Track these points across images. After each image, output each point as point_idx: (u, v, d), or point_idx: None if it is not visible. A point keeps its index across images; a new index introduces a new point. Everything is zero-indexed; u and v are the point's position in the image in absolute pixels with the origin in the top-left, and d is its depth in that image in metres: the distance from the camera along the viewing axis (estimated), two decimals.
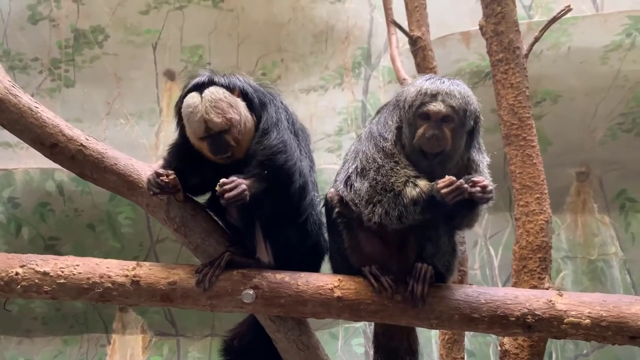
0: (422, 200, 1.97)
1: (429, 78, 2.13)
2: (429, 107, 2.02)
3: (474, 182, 1.97)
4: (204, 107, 2.08)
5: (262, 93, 2.22)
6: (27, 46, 5.35)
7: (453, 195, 1.92)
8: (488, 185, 1.98)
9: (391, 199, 2.00)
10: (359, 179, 2.08)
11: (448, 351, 3.32)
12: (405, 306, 2.03)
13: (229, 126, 2.09)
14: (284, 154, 2.07)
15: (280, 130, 2.11)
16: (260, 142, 2.10)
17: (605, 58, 4.91)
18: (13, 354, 5.00)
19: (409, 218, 2.00)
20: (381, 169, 2.05)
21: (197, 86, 2.14)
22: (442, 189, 1.93)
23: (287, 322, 2.20)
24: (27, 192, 5.05)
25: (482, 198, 1.97)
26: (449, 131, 2.02)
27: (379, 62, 5.50)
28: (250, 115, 2.15)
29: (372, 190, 2.04)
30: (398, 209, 1.99)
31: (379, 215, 2.01)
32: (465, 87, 2.11)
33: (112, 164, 2.24)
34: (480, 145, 2.18)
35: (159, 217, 2.26)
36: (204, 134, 2.10)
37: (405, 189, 2.00)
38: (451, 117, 2.02)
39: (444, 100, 2.02)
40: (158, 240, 5.13)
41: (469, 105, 2.05)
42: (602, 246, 5.15)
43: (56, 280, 2.06)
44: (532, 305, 2.04)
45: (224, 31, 5.47)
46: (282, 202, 2.11)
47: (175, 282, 2.08)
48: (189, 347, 5.11)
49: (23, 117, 2.18)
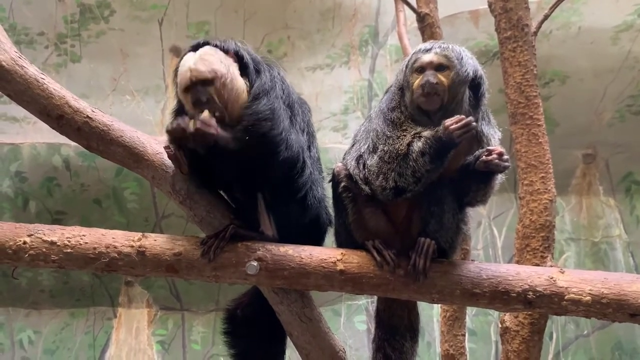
0: (428, 147, 1.95)
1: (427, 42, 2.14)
2: (422, 58, 2.03)
3: (490, 150, 1.97)
4: (193, 59, 2.08)
5: (259, 61, 2.19)
6: (33, 20, 5.33)
7: (461, 131, 1.90)
8: (504, 152, 1.97)
9: (401, 161, 1.99)
10: (371, 156, 2.08)
11: (449, 328, 3.36)
12: (407, 280, 2.05)
13: (213, 77, 2.05)
14: (270, 121, 2.01)
15: (271, 98, 2.07)
16: (249, 107, 2.06)
17: (616, 39, 4.85)
18: (21, 326, 5.10)
19: (422, 172, 1.97)
20: (388, 140, 2.05)
21: (193, 47, 2.15)
22: (450, 126, 1.90)
23: (290, 295, 2.22)
24: (34, 166, 5.09)
25: (499, 165, 1.96)
26: (444, 78, 2.00)
27: (386, 41, 5.45)
28: (241, 79, 2.11)
29: (381, 161, 2.04)
30: (410, 167, 1.97)
31: (394, 179, 2.00)
32: (466, 50, 2.09)
33: (118, 136, 2.24)
34: (490, 119, 2.15)
35: (164, 189, 2.27)
36: (188, 82, 2.07)
37: (412, 146, 1.99)
38: (445, 64, 2.01)
39: (437, 52, 2.03)
40: (164, 216, 5.17)
41: (465, 59, 2.03)
42: (606, 228, 5.16)
43: (63, 249, 2.09)
44: (534, 281, 2.05)
45: (230, 7, 5.42)
46: (267, 173, 2.07)
47: (180, 253, 2.10)
48: (194, 322, 5.19)
49: (30, 89, 2.18)
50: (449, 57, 2.02)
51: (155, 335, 5.15)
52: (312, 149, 2.29)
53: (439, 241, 2.09)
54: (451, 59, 2.02)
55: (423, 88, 2.00)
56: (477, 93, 2.07)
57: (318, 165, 2.33)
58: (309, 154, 2.25)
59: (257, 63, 2.18)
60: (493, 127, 2.15)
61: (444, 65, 2.01)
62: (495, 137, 2.13)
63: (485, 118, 2.12)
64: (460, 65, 2.02)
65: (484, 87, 2.09)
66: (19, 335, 5.08)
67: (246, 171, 2.08)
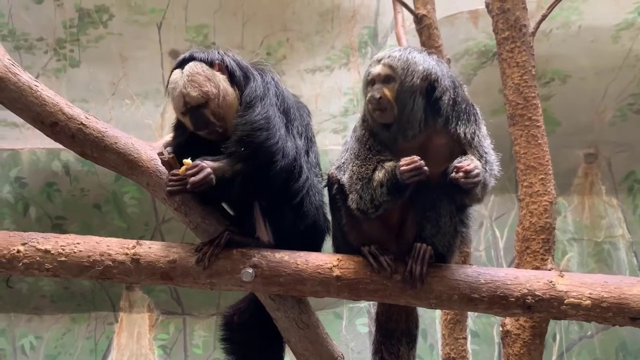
0: (386, 181, 1.96)
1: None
2: (371, 70, 2.01)
3: (457, 167, 1.92)
4: (182, 81, 2.09)
5: (247, 68, 2.18)
6: (32, 26, 5.33)
7: (410, 175, 1.89)
8: (472, 169, 1.91)
9: (364, 185, 2.01)
10: (345, 169, 2.10)
11: (450, 331, 3.34)
12: (404, 286, 2.03)
13: (206, 100, 2.07)
14: (265, 130, 2.01)
15: (265, 106, 2.06)
16: (242, 116, 2.05)
17: (617, 37, 4.82)
18: (23, 331, 5.10)
19: (380, 201, 1.99)
20: (357, 160, 2.06)
21: (180, 63, 2.15)
22: (401, 167, 1.90)
23: (286, 301, 2.20)
24: (34, 172, 5.10)
25: (467, 183, 1.91)
26: (389, 91, 1.97)
27: (385, 42, 5.43)
28: (231, 89, 2.12)
29: (350, 179, 2.06)
30: (369, 193, 1.99)
31: (356, 201, 2.03)
32: (423, 54, 2.04)
33: (112, 142, 2.23)
34: (471, 115, 2.06)
35: (159, 196, 2.26)
36: (184, 108, 2.11)
37: (374, 173, 2.00)
38: (391, 76, 1.98)
39: (384, 63, 1.99)
40: (164, 220, 5.17)
41: (414, 65, 1.98)
42: (608, 228, 5.12)
43: (57, 258, 2.08)
44: (532, 285, 2.02)
45: (229, 10, 5.41)
46: (265, 183, 2.06)
47: (175, 261, 2.09)
48: (195, 326, 5.18)
49: (23, 96, 2.17)
50: (393, 68, 1.98)
51: (157, 339, 5.15)
52: (310, 154, 2.26)
53: (436, 246, 2.06)
54: (396, 69, 1.97)
55: (372, 107, 1.99)
56: (430, 98, 2.00)
57: (316, 170, 2.30)
58: (307, 159, 2.22)
59: (245, 70, 2.17)
60: (474, 123, 2.05)
61: (389, 77, 1.98)
62: (478, 134, 2.05)
63: (462, 116, 2.04)
64: (405, 74, 1.97)
65: (439, 89, 2.01)
66: (21, 340, 5.08)
67: (244, 183, 2.07)
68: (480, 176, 1.93)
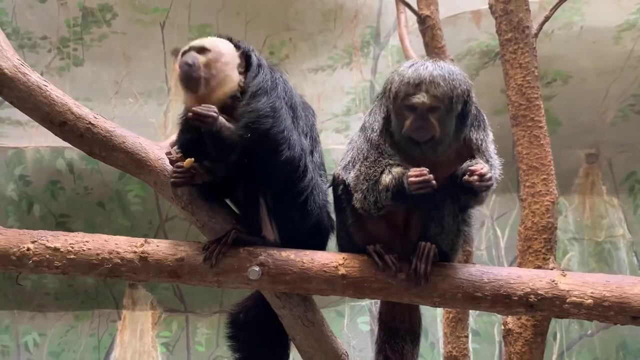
0: (392, 187, 1.99)
1: (411, 65, 2.07)
2: (413, 101, 1.98)
3: (472, 170, 1.96)
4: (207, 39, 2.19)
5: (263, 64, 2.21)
6: (35, 24, 5.35)
7: (417, 187, 1.92)
8: (486, 173, 1.96)
9: (370, 187, 2.04)
10: (352, 168, 2.13)
11: (452, 330, 3.37)
12: (409, 284, 2.05)
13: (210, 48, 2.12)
14: (271, 118, 2.04)
15: (272, 97, 2.08)
16: (248, 104, 2.07)
17: (619, 38, 4.84)
18: (26, 328, 5.13)
19: (383, 204, 2.03)
20: (365, 161, 2.08)
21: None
22: (410, 178, 1.94)
23: (292, 299, 2.23)
24: (38, 170, 5.12)
25: (481, 187, 1.96)
26: (435, 120, 1.99)
27: (388, 42, 5.45)
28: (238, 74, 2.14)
29: (357, 179, 2.09)
30: (374, 195, 2.03)
31: (360, 200, 2.07)
32: (451, 68, 2.04)
33: (120, 142, 2.26)
34: (480, 122, 2.12)
35: (167, 195, 2.29)
36: (186, 48, 2.14)
37: (381, 176, 2.03)
38: (436, 107, 1.98)
39: (427, 91, 1.97)
40: (167, 219, 5.19)
41: (455, 90, 1.99)
42: (609, 228, 5.14)
43: (66, 255, 2.10)
44: (535, 284, 2.05)
45: (232, 10, 5.43)
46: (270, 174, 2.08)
47: (182, 259, 2.11)
48: (198, 324, 5.21)
49: (32, 96, 2.20)
50: (439, 98, 1.97)
51: (160, 337, 5.17)
52: (314, 153, 2.28)
53: (440, 245, 2.09)
54: (442, 99, 1.98)
55: (415, 129, 1.99)
56: (464, 113, 2.04)
57: (320, 170, 2.32)
58: (311, 159, 2.24)
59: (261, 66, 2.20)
60: (483, 129, 2.12)
61: (435, 107, 1.98)
62: (486, 140, 2.10)
63: (473, 124, 2.09)
64: (451, 103, 1.99)
65: (470, 105, 2.06)
66: (24, 337, 5.11)
67: (249, 172, 2.09)
68: (492, 179, 1.99)
